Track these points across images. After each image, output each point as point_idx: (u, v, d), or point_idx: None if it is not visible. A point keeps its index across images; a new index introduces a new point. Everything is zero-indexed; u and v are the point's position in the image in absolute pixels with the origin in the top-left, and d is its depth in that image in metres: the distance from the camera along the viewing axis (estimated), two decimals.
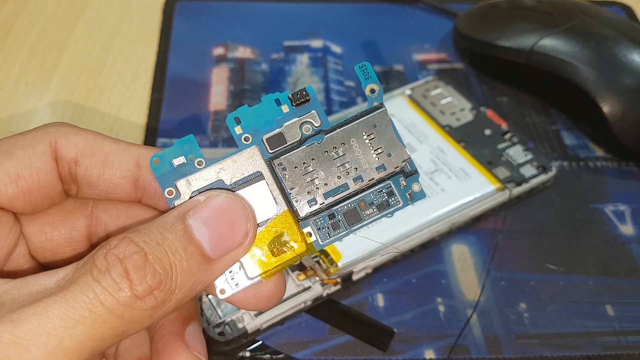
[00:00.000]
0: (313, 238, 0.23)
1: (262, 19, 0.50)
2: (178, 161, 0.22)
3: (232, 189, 0.23)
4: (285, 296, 0.31)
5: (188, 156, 0.22)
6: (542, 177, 0.38)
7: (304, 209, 0.23)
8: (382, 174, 0.23)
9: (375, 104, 0.24)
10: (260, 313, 0.31)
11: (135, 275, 0.19)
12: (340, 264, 0.32)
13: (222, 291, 0.23)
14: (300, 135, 0.23)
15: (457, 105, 0.41)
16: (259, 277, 0.23)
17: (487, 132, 0.40)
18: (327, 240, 0.23)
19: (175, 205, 0.22)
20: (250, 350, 0.31)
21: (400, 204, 0.24)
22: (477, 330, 0.32)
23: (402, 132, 0.39)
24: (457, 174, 0.37)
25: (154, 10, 0.51)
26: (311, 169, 0.23)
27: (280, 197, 0.23)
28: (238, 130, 0.23)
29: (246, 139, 0.23)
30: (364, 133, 0.23)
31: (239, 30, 0.49)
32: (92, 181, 0.24)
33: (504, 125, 0.40)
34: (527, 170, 0.38)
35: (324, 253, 0.33)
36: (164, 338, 0.23)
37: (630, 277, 0.35)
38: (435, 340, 0.32)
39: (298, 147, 0.23)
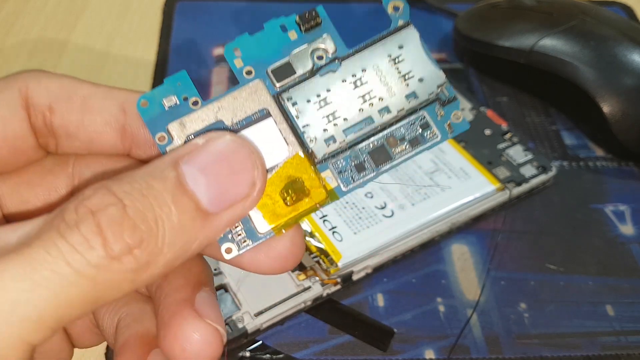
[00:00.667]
0: (333, 183, 0.20)
1: (262, 19, 0.50)
2: (169, 101, 0.19)
3: (234, 130, 0.19)
4: (285, 296, 0.31)
5: (181, 95, 0.19)
6: (542, 177, 0.38)
7: (320, 150, 0.20)
8: (414, 103, 0.20)
9: (401, 22, 0.20)
10: (260, 313, 0.31)
11: (110, 232, 0.16)
12: (340, 264, 0.32)
13: (228, 250, 0.19)
14: (312, 64, 0.20)
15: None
16: (272, 232, 0.19)
17: (487, 132, 0.40)
18: (351, 185, 0.20)
19: (168, 152, 0.19)
20: (250, 350, 0.31)
21: (438, 138, 0.20)
22: (477, 330, 0.32)
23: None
24: (457, 174, 0.37)
25: (154, 10, 0.51)
26: (327, 102, 0.20)
27: (291, 137, 0.20)
28: (238, 63, 0.20)
29: (248, 73, 0.20)
30: (388, 56, 0.20)
31: (239, 30, 0.49)
32: (70, 131, 0.20)
33: (504, 125, 0.40)
34: (527, 170, 0.38)
35: (323, 253, 0.33)
36: (171, 307, 0.19)
37: (630, 277, 0.34)
38: (435, 340, 0.32)
39: (310, 78, 0.20)
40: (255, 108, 0.20)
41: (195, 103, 0.19)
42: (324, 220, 0.34)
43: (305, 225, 0.34)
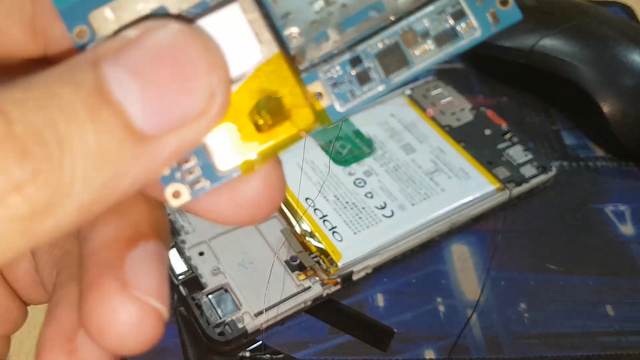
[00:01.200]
0: (325, 101, 0.14)
1: None
2: None
3: (184, 20, 0.14)
4: (285, 296, 0.31)
5: None
6: (542, 177, 0.38)
7: (308, 51, 0.14)
8: None
9: None
10: (260, 312, 0.31)
11: None
12: (340, 264, 0.32)
13: (177, 194, 0.14)
14: None
15: (457, 105, 0.41)
16: (237, 170, 0.14)
17: (487, 132, 0.40)
18: (351, 104, 0.14)
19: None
20: (250, 350, 0.31)
21: (478, 33, 0.14)
22: (477, 330, 0.32)
23: (402, 131, 0.39)
24: (457, 174, 0.37)
25: None
26: None
27: (265, 33, 0.14)
28: None
29: None
30: None
31: None
32: None
33: (504, 125, 0.40)
34: (527, 170, 0.38)
35: (323, 253, 0.33)
36: (90, 273, 0.14)
37: (630, 277, 0.34)
38: (435, 340, 0.32)
39: None
40: None
41: None
42: (324, 220, 0.34)
43: (305, 225, 0.34)
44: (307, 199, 0.35)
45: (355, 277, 0.33)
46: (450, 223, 0.35)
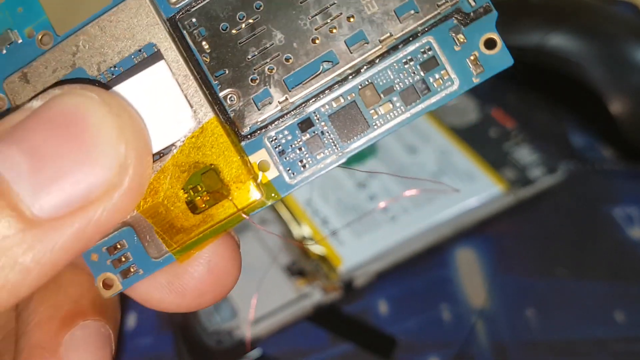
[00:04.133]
0: (272, 172, 0.12)
1: None
2: (5, 39, 0.13)
3: (104, 82, 0.12)
4: (284, 302, 0.31)
5: (23, 29, 0.13)
6: (550, 179, 0.37)
7: (248, 116, 0.12)
8: (411, 23, 0.12)
9: None
10: (259, 320, 0.30)
11: None
12: (341, 270, 0.32)
13: (107, 283, 0.13)
14: None
15: (462, 105, 0.41)
16: (171, 257, 0.13)
17: (493, 132, 0.39)
18: (300, 176, 0.12)
19: None
20: (249, 359, 0.30)
21: (455, 86, 0.12)
22: (483, 337, 0.32)
23: (405, 132, 0.39)
24: (462, 176, 0.36)
25: None
26: (258, 29, 0.12)
27: (198, 94, 0.12)
28: None
29: None
30: None
31: None
32: None
33: (510, 126, 0.40)
34: (534, 172, 0.37)
35: (324, 258, 0.32)
36: (24, 356, 0.13)
37: None
38: (440, 349, 0.31)
39: None
40: (137, 43, 0.12)
41: (46, 40, 0.12)
42: (324, 223, 0.34)
43: (305, 228, 0.33)
44: (307, 199, 0.35)
45: (357, 283, 0.33)
46: (455, 226, 0.34)
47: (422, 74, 0.12)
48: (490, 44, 0.13)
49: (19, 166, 0.10)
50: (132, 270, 0.13)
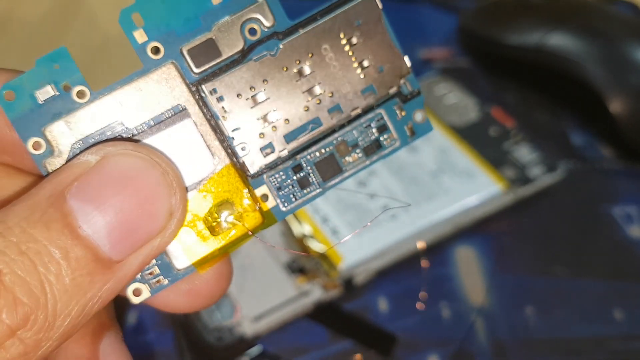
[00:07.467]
0: (271, 203, 0.16)
1: None
2: (44, 93, 0.14)
3: (138, 135, 0.15)
4: (285, 300, 0.31)
5: (60, 83, 0.14)
6: (549, 178, 0.37)
7: (255, 161, 0.16)
8: (371, 100, 0.17)
9: None
10: (259, 317, 0.30)
11: None
12: (341, 267, 0.32)
13: (137, 292, 0.15)
14: (242, 43, 0.15)
15: (462, 104, 0.41)
16: (193, 268, 0.16)
17: (493, 131, 0.39)
18: (293, 205, 0.16)
19: (48, 167, 0.14)
20: (249, 356, 0.30)
21: (397, 144, 0.17)
22: (482, 335, 0.31)
23: None
24: (461, 174, 0.36)
25: None
26: (263, 97, 0.16)
27: (217, 145, 0.16)
28: (140, 36, 0.15)
29: (155, 51, 0.15)
30: (341, 35, 0.16)
31: None
32: None
33: (510, 125, 0.40)
34: (534, 171, 0.37)
35: (324, 256, 0.32)
36: None
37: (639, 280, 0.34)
38: (440, 346, 0.31)
39: (240, 63, 0.16)
40: (167, 104, 0.15)
41: (81, 94, 0.15)
42: (325, 221, 0.34)
43: (306, 227, 0.33)
44: None
45: (357, 281, 0.33)
46: (454, 225, 0.34)
47: (376, 134, 0.17)
48: (419, 116, 0.17)
49: (96, 221, 0.13)
50: (159, 281, 0.16)
